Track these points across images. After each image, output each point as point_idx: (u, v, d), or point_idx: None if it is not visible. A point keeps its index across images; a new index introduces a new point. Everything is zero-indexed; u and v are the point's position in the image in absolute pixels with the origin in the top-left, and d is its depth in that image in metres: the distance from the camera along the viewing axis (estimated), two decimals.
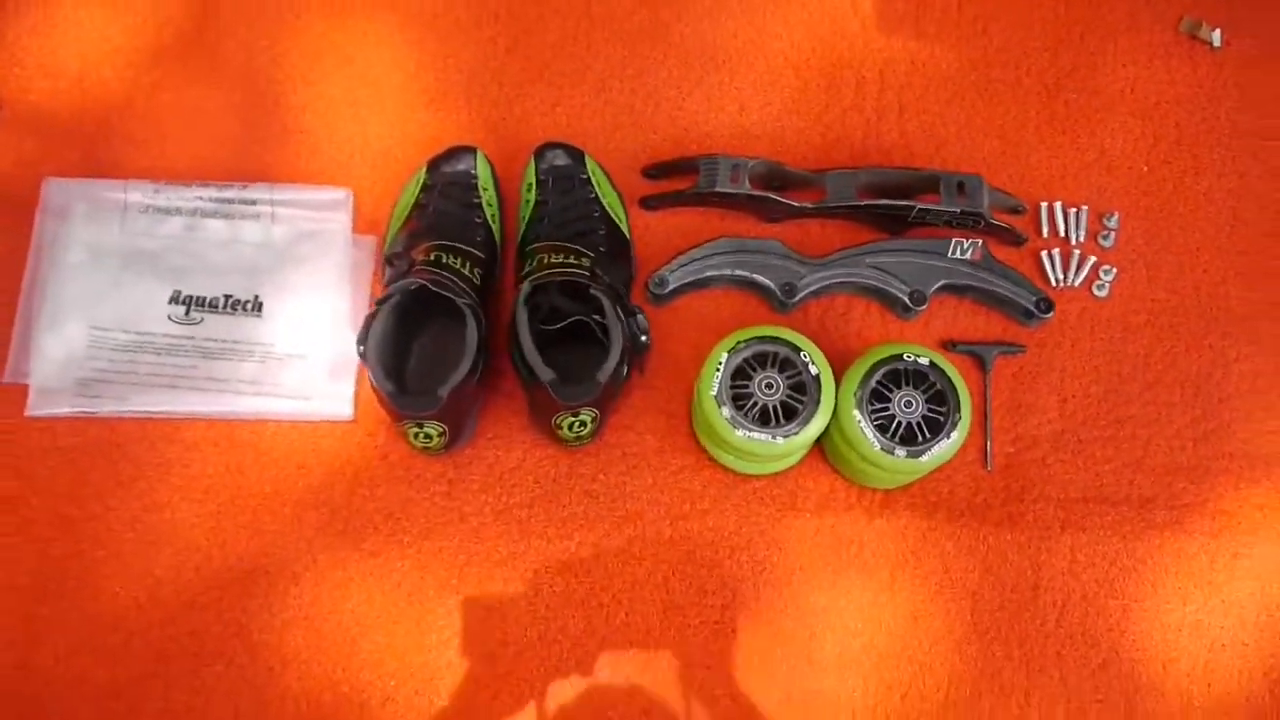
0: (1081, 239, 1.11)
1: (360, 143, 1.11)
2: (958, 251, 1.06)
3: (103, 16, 1.14)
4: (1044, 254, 1.10)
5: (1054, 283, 1.10)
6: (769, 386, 0.96)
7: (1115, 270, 1.10)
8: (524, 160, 1.07)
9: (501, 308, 1.04)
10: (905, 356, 0.96)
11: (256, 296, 1.05)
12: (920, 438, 0.95)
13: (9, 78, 1.11)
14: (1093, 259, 1.10)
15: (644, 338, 0.97)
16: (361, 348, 0.92)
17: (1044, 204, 1.12)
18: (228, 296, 1.05)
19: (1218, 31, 1.17)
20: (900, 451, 0.94)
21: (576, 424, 0.95)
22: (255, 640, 0.97)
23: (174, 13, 1.14)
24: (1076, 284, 1.10)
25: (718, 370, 0.95)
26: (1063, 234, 1.12)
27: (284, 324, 1.04)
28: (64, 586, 0.97)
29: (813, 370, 0.96)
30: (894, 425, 0.95)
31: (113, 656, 0.96)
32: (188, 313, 1.04)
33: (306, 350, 1.04)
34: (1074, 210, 1.12)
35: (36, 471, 1.00)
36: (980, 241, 1.06)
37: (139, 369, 1.02)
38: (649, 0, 1.17)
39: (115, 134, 1.10)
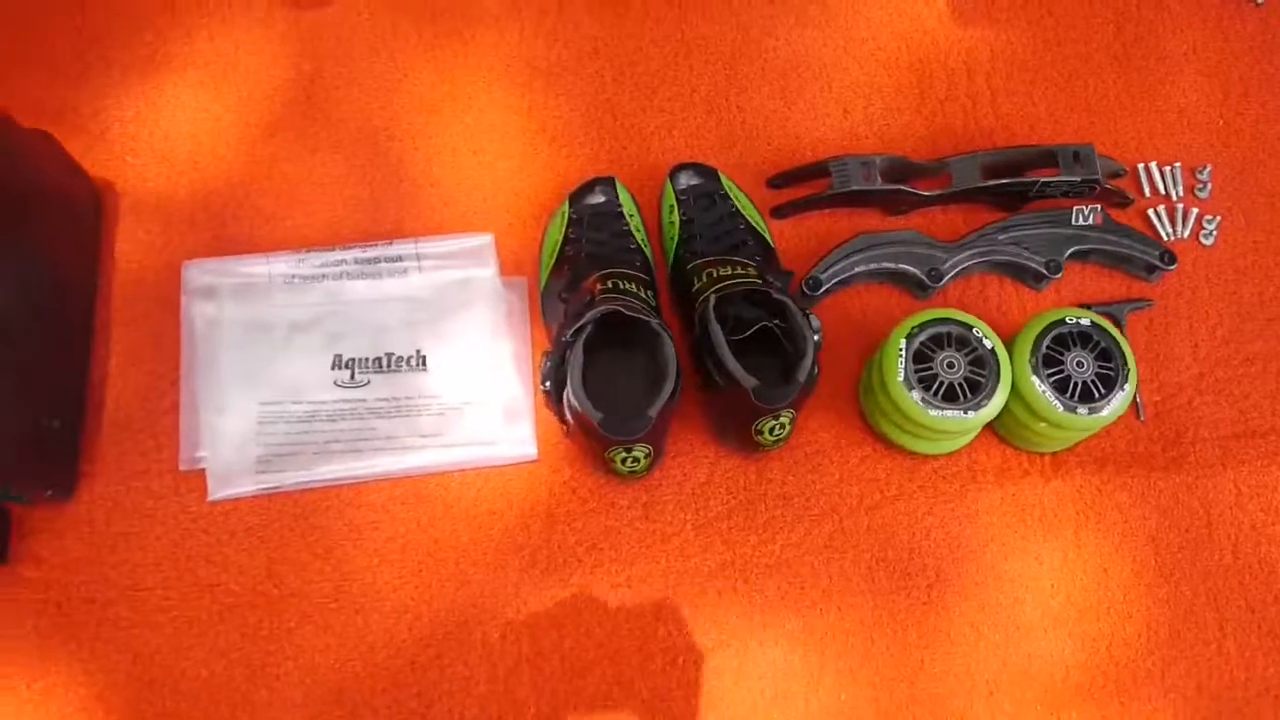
0: (1180, 194, 1.17)
1: (491, 187, 1.12)
2: (1079, 219, 1.11)
3: (206, 95, 1.13)
4: (1150, 212, 1.16)
5: (1165, 237, 1.16)
6: (950, 365, 0.99)
7: (1219, 219, 1.16)
8: (653, 185, 1.10)
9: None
10: (1067, 320, 1.00)
11: (419, 350, 1.04)
12: (1097, 394, 0.99)
13: (124, 169, 1.10)
14: (1195, 211, 1.16)
15: (816, 337, 1.00)
16: (547, 384, 0.93)
17: (1140, 165, 1.18)
18: (390, 354, 1.04)
19: None
20: (1082, 409, 0.98)
21: (776, 426, 0.96)
22: (483, 692, 0.96)
23: (278, 84, 1.14)
24: (1185, 236, 1.16)
25: (900, 355, 0.98)
26: (1163, 191, 1.18)
27: (451, 373, 1.04)
28: (279, 668, 0.95)
29: (987, 344, 0.99)
30: (1070, 386, 0.99)
31: None
32: (353, 376, 1.03)
33: (479, 396, 1.03)
34: (1168, 168, 1.18)
35: (229, 555, 0.98)
36: (1099, 207, 1.11)
37: (315, 438, 1.01)
38: (737, 20, 1.21)
39: (243, 210, 1.09)
